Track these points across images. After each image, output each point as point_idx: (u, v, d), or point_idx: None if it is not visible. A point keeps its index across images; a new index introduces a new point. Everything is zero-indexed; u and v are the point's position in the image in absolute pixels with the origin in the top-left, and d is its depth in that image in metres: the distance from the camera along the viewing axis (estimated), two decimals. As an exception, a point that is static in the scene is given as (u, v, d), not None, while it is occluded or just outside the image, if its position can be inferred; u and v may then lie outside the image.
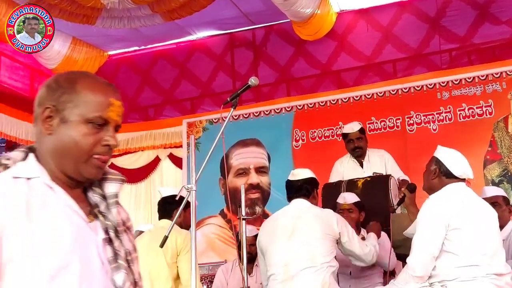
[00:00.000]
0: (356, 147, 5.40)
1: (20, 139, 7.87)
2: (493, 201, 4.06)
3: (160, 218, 4.26)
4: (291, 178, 4.14)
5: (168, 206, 4.16)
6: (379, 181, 4.88)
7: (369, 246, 3.93)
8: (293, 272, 3.69)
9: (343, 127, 5.88)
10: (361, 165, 5.45)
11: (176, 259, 3.94)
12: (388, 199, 4.56)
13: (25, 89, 7.79)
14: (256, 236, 5.39)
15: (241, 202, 4.39)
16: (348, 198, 4.55)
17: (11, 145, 8.43)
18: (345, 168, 5.53)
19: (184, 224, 4.13)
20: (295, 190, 4.07)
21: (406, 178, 5.23)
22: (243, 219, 4.31)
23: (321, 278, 3.64)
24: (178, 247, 3.92)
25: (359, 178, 4.99)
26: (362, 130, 5.49)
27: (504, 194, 4.48)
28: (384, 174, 5.28)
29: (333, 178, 5.51)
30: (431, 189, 3.52)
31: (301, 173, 4.15)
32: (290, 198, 4.10)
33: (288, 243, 3.79)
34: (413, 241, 3.38)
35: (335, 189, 4.84)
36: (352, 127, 5.46)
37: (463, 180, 3.47)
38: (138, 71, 8.38)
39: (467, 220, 3.27)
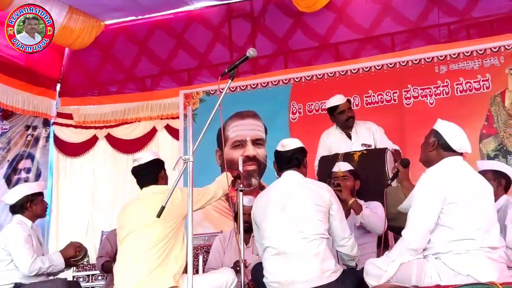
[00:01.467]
0: (350, 117, 5.42)
1: (16, 108, 7.86)
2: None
3: (144, 185, 4.16)
4: (280, 149, 4.06)
5: (153, 171, 4.13)
6: (376, 154, 4.90)
7: (352, 237, 3.90)
8: (286, 245, 3.71)
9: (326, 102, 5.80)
10: (349, 136, 5.46)
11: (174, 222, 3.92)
12: (384, 172, 4.59)
13: (21, 58, 7.75)
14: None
15: (240, 173, 4.42)
16: (342, 166, 4.63)
17: (6, 114, 8.42)
18: (332, 140, 5.54)
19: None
20: (286, 161, 4.02)
21: (397, 148, 5.25)
22: (241, 190, 4.35)
23: (313, 249, 3.66)
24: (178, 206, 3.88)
25: (356, 151, 5.01)
26: (349, 101, 5.52)
27: (496, 168, 4.45)
28: (373, 145, 5.31)
29: (320, 151, 5.53)
30: (428, 162, 3.54)
31: (291, 143, 4.06)
32: (281, 169, 4.07)
33: (280, 216, 3.79)
34: (409, 214, 3.41)
35: (331, 162, 4.85)
36: (342, 98, 5.46)
37: (461, 154, 3.48)
38: (135, 41, 8.33)
39: (463, 194, 3.28)
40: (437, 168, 3.44)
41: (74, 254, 5.13)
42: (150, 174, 4.13)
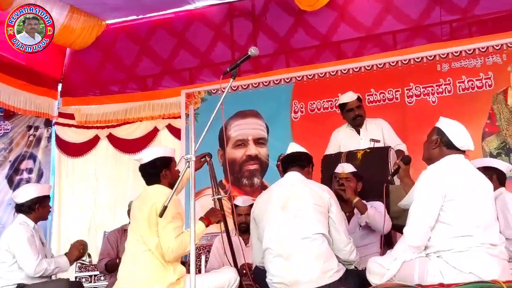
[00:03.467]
0: (357, 115, 5.41)
1: (18, 108, 7.87)
2: None
3: (148, 184, 4.11)
4: (288, 151, 4.18)
5: (153, 172, 4.05)
6: (379, 153, 4.89)
7: (351, 242, 3.87)
8: (287, 245, 3.70)
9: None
10: (358, 133, 5.46)
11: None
12: (387, 171, 4.57)
13: (22, 58, 7.74)
14: (250, 206, 5.46)
15: (214, 178, 4.42)
16: (346, 167, 4.63)
17: (8, 115, 8.42)
18: (342, 137, 5.55)
19: (175, 182, 4.10)
20: (292, 160, 4.10)
21: (403, 147, 5.24)
22: (218, 199, 4.33)
23: (316, 249, 3.65)
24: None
25: (359, 150, 5.00)
26: (359, 98, 5.52)
27: (485, 164, 4.43)
28: (381, 141, 5.30)
29: (330, 147, 5.53)
30: (430, 159, 3.54)
31: (298, 148, 4.21)
32: (285, 170, 4.11)
33: (281, 215, 3.79)
34: (409, 212, 3.41)
35: (334, 160, 4.85)
36: (350, 96, 5.46)
37: (463, 152, 3.48)
38: (136, 40, 8.32)
39: (463, 192, 3.29)
40: (437, 165, 3.44)
41: (79, 255, 5.14)
42: (151, 175, 4.08)
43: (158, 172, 4.05)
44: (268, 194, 4.07)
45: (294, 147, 4.22)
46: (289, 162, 4.11)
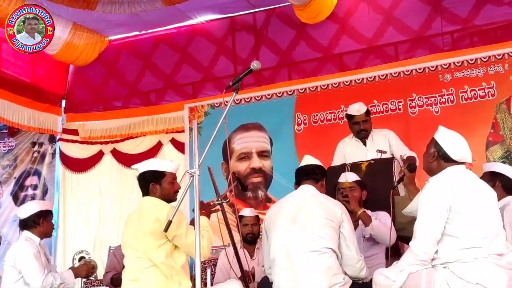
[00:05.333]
0: (362, 130, 5.40)
1: (22, 125, 7.89)
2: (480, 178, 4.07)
3: (143, 194, 4.14)
4: (302, 163, 4.18)
5: (143, 185, 4.08)
6: (383, 164, 4.89)
7: (362, 259, 3.87)
8: (294, 258, 3.69)
9: (345, 109, 5.87)
10: (364, 144, 5.45)
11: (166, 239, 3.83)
12: (392, 182, 4.56)
13: (26, 75, 7.78)
14: (256, 216, 5.48)
15: (215, 184, 4.42)
16: (349, 176, 4.64)
17: (13, 132, 8.45)
18: (348, 148, 5.54)
19: (167, 197, 4.07)
20: (306, 172, 4.09)
21: (413, 154, 5.20)
22: (219, 203, 4.35)
23: (324, 263, 3.64)
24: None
25: (363, 161, 5.00)
26: (368, 112, 5.49)
27: (492, 169, 4.43)
28: (388, 152, 5.29)
29: (336, 159, 5.52)
30: (430, 171, 3.56)
31: (313, 160, 4.20)
32: (299, 182, 4.11)
33: (290, 227, 3.79)
34: (415, 226, 3.41)
35: (339, 172, 4.84)
36: (359, 109, 5.43)
37: (463, 163, 3.48)
38: (139, 56, 8.36)
39: (467, 204, 3.29)
40: (440, 177, 3.45)
41: (86, 275, 5.15)
42: (142, 187, 4.11)
43: (146, 184, 4.06)
44: (279, 205, 4.07)
45: (308, 160, 4.21)
46: (303, 175, 4.10)
